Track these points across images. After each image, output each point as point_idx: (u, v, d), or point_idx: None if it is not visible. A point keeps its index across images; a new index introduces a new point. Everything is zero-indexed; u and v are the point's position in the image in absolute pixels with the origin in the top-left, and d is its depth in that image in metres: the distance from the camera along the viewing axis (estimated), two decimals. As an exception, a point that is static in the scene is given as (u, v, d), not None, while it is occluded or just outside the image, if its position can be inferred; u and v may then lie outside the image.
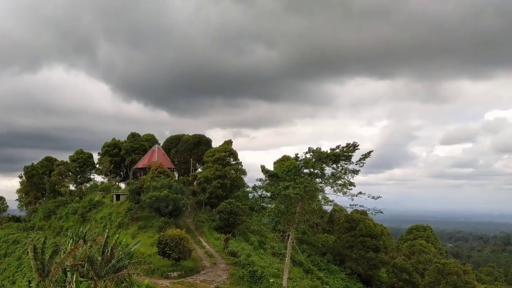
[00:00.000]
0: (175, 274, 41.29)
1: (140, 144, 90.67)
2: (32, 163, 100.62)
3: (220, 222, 59.47)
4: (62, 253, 29.54)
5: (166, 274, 41.10)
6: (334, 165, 37.41)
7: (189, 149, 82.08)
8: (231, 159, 72.77)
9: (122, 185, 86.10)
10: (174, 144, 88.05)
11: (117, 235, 34.72)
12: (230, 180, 69.13)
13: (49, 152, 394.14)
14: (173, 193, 56.49)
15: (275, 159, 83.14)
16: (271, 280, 39.24)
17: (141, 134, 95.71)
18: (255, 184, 45.17)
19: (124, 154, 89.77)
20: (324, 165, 37.65)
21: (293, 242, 39.31)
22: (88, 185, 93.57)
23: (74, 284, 24.68)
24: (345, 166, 36.77)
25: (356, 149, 36.49)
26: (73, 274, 25.48)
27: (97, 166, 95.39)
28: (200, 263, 45.17)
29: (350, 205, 36.30)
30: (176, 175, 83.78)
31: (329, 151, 37.00)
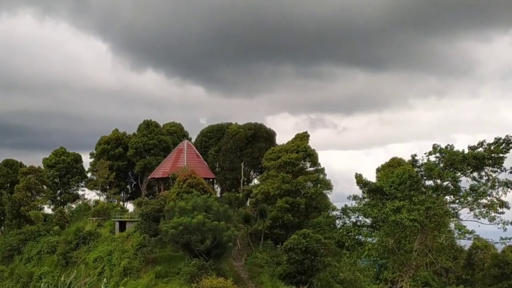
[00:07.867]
0: None
1: (159, 139, 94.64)
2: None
3: (289, 267, 61.87)
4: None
5: None
6: (475, 174, 39.00)
7: (239, 148, 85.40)
8: (307, 164, 75.17)
9: (130, 206, 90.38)
10: (215, 139, 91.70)
11: (122, 288, 36.93)
12: (306, 198, 71.76)
13: (10, 152, 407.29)
14: (213, 219, 59.35)
15: (379, 164, 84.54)
16: None
17: (161, 123, 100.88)
18: (346, 205, 47.49)
19: (132, 156, 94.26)
20: (459, 173, 39.22)
21: (408, 298, 40.90)
22: (74, 206, 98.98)
23: None
24: (493, 175, 38.16)
25: (511, 147, 37.66)
26: None
27: (89, 175, 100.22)
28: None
29: (501, 238, 37.86)
30: (218, 190, 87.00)
31: (466, 151, 38.54)
